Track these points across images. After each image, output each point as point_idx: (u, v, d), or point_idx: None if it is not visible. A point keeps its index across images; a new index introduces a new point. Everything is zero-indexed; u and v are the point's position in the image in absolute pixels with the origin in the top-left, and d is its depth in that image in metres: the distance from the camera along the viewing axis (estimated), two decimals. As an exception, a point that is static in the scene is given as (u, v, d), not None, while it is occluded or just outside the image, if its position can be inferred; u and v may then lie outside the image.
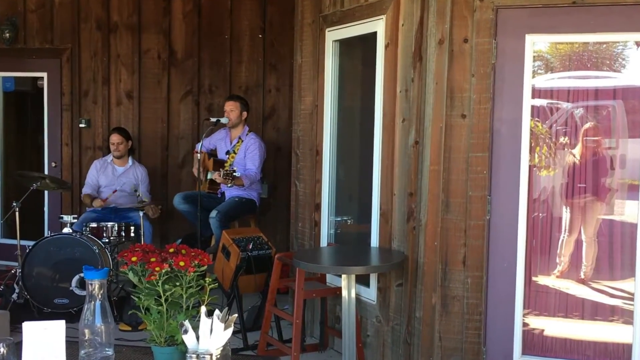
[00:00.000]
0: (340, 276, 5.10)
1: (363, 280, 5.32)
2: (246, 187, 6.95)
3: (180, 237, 7.54)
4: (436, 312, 4.74)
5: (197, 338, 2.30)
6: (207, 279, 2.45)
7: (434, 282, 4.74)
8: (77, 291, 6.25)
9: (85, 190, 7.52)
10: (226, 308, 2.30)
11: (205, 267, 2.46)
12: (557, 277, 4.84)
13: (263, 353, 5.41)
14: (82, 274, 6.20)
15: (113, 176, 7.49)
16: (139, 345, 2.99)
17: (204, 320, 2.30)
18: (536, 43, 4.58)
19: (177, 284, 2.44)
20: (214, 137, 7.45)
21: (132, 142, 7.66)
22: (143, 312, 2.49)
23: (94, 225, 6.81)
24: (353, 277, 4.82)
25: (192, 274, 2.43)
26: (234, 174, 6.43)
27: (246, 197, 7.08)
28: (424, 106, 4.75)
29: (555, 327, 4.79)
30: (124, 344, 2.83)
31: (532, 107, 4.58)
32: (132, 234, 6.94)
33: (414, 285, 4.87)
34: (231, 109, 7.15)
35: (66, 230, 6.50)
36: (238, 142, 7.18)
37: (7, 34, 8.39)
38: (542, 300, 4.81)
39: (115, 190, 7.28)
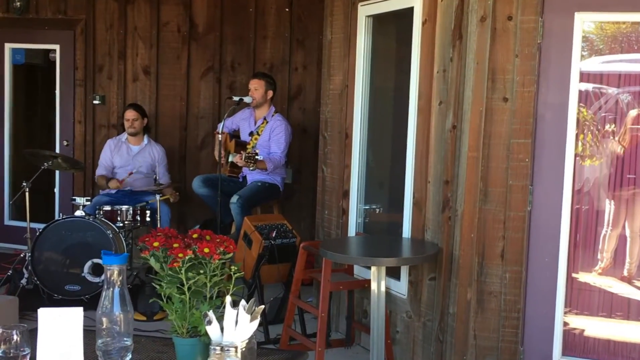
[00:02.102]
0: (369, 268, 5.11)
1: (393, 272, 5.33)
2: (269, 171, 6.96)
3: (199, 222, 7.58)
4: (471, 309, 4.75)
5: (222, 329, 2.32)
6: (232, 267, 2.47)
7: (470, 276, 4.74)
8: (90, 278, 6.31)
9: (99, 171, 7.56)
10: (253, 299, 2.32)
11: (231, 254, 2.47)
12: (599, 274, 4.82)
13: (286, 347, 5.44)
14: (94, 260, 6.27)
15: (128, 156, 7.53)
16: (157, 336, 3.03)
17: (229, 311, 2.31)
18: (585, 22, 4.54)
19: (201, 271, 2.46)
20: (237, 116, 7.46)
21: (147, 119, 7.69)
22: (164, 300, 2.51)
23: (107, 208, 6.86)
24: (383, 269, 4.83)
25: (217, 261, 2.45)
26: (257, 157, 6.43)
27: (269, 182, 7.10)
28: (463, 88, 4.73)
29: (597, 327, 4.78)
30: (140, 334, 2.86)
31: (579, 91, 4.55)
32: (148, 218, 6.98)
33: (448, 279, 4.88)
34: (255, 87, 7.15)
35: (78, 213, 6.55)
36: (263, 123, 7.19)
37: (18, 3, 8.45)
38: (584, 299, 4.80)
39: (132, 172, 7.32)
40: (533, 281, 4.66)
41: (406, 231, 5.31)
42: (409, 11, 5.24)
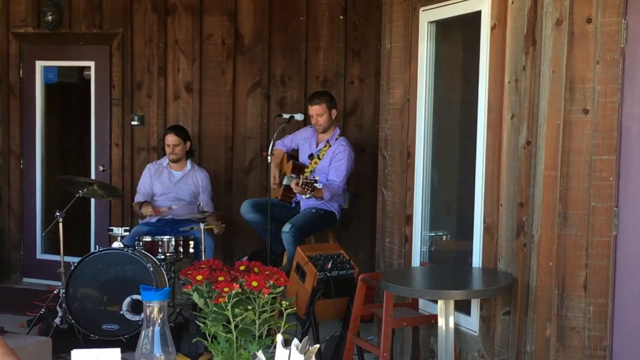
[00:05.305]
0: (436, 302, 5.09)
1: (462, 307, 5.29)
2: (325, 200, 6.94)
3: (247, 254, 7.59)
4: (551, 346, 4.69)
5: (272, 371, 2.33)
6: (283, 302, 2.48)
7: (549, 310, 4.69)
8: (129, 316, 6.36)
9: (138, 199, 7.64)
10: (306, 337, 2.32)
11: (282, 288, 2.48)
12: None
13: (344, 391, 5.44)
14: (134, 296, 6.32)
15: (170, 182, 7.59)
16: (202, 379, 3.04)
17: (281, 351, 2.32)
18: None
19: (249, 307, 2.47)
20: (298, 135, 7.48)
21: (191, 142, 7.73)
22: (209, 340, 2.53)
23: (147, 239, 6.91)
24: (451, 302, 4.80)
25: (266, 296, 2.46)
26: (315, 184, 6.41)
27: (325, 209, 7.08)
28: (537, 99, 4.71)
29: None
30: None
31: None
32: (192, 250, 7.03)
33: (524, 313, 4.83)
34: (318, 113, 7.10)
35: (116, 244, 6.62)
36: (325, 146, 7.17)
37: (50, 17, 8.55)
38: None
39: (171, 207, 7.37)
40: (621, 315, 4.59)
41: (476, 260, 5.27)
42: (476, 15, 5.23)
